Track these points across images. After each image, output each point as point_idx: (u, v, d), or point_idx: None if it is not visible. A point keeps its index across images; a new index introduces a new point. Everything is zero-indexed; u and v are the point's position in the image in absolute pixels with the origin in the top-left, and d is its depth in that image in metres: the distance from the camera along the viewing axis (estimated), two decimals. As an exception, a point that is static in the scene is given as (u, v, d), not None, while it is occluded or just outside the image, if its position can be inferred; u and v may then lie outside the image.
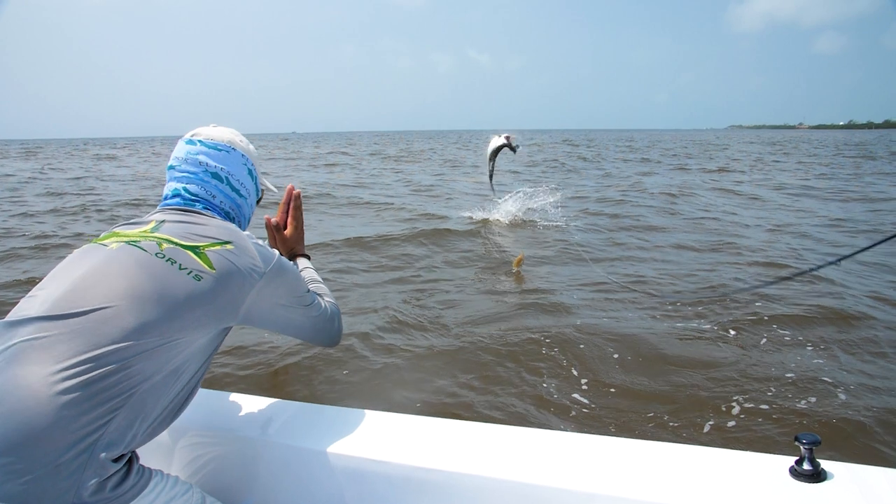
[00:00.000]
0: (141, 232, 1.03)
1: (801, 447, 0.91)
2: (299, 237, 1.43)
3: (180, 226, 1.05)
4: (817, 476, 0.89)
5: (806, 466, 0.90)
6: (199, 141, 1.20)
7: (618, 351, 3.00)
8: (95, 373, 0.82)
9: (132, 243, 0.98)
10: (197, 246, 1.00)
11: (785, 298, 3.85)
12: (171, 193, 1.17)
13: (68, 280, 0.92)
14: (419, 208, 8.52)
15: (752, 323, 3.35)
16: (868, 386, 2.60)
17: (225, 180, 1.19)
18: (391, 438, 1.11)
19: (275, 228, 1.41)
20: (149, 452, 1.06)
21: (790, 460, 0.93)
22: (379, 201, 9.50)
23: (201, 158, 1.18)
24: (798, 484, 0.89)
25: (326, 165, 19.82)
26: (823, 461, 0.92)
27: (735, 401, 2.48)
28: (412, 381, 2.65)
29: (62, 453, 0.77)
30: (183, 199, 1.15)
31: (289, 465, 1.14)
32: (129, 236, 1.01)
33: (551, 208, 7.37)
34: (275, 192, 1.41)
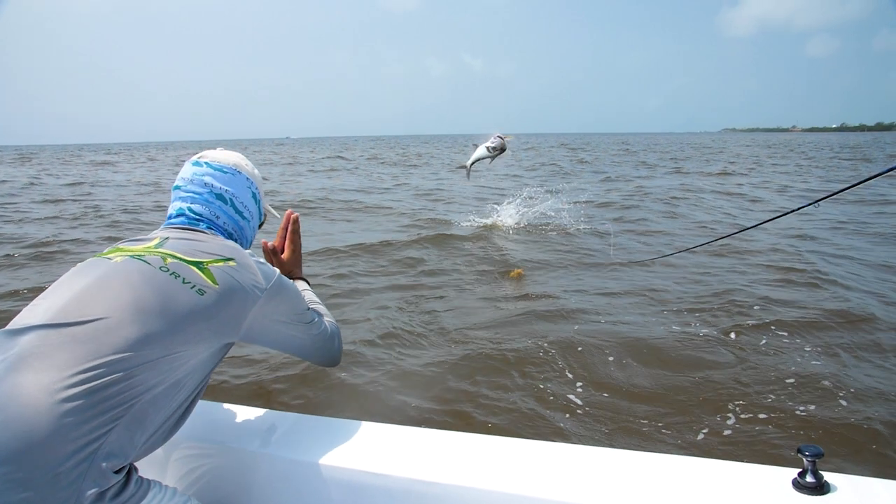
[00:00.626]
0: (145, 247, 1.04)
1: (804, 459, 0.90)
2: (297, 261, 1.44)
3: (184, 242, 1.07)
4: (820, 489, 0.88)
5: (809, 479, 0.89)
6: (206, 163, 1.22)
7: (617, 356, 2.99)
8: (98, 381, 0.82)
9: (137, 257, 1.00)
10: (200, 262, 1.01)
11: (787, 301, 3.86)
12: (176, 212, 1.20)
13: (71, 291, 0.92)
14: (422, 213, 8.53)
15: (754, 327, 3.34)
16: (872, 390, 2.58)
17: (229, 202, 1.22)
18: (390, 450, 1.09)
19: (272, 252, 1.42)
20: (145, 464, 1.05)
21: (793, 472, 0.93)
22: (381, 205, 9.52)
23: (207, 179, 1.20)
24: (801, 496, 0.88)
25: (326, 171, 19.81)
26: (826, 473, 0.91)
27: (735, 406, 2.47)
28: (411, 391, 2.63)
29: (62, 462, 0.77)
30: (187, 219, 1.18)
31: (286, 478, 1.13)
32: (134, 251, 1.03)
33: (554, 212, 7.37)
34: (277, 218, 1.43)
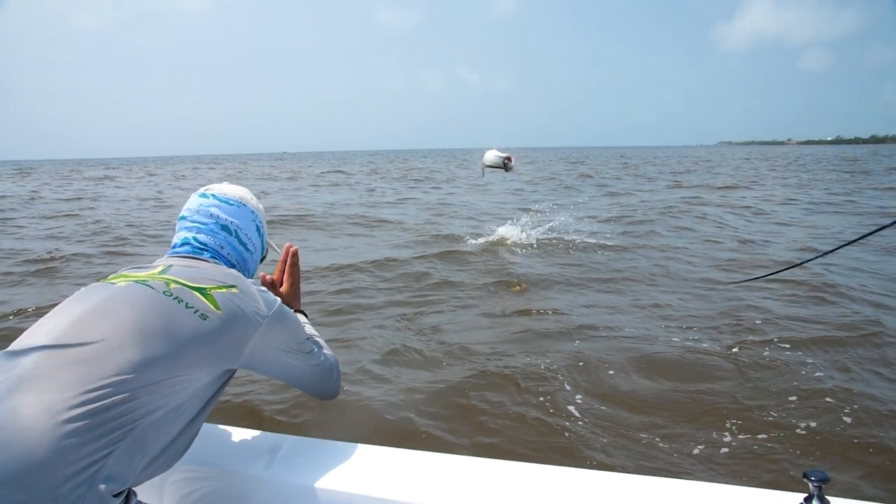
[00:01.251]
0: (149, 273, 1.06)
1: (811, 485, 0.88)
2: (295, 294, 1.44)
3: (188, 269, 1.08)
4: (827, 515, 0.86)
5: (815, 505, 0.87)
6: (213, 195, 1.25)
7: (618, 370, 2.98)
8: (100, 403, 0.81)
9: (141, 282, 1.01)
10: (204, 287, 1.03)
11: (792, 315, 3.85)
12: (181, 241, 1.21)
13: (74, 313, 0.93)
14: (426, 227, 8.54)
15: (758, 342, 3.33)
16: (876, 407, 2.57)
17: (234, 233, 1.24)
18: (389, 474, 1.08)
19: (271, 285, 1.42)
20: (142, 487, 1.04)
21: (798, 497, 0.91)
22: (385, 219, 9.57)
23: (213, 210, 1.23)
24: None
25: (329, 185, 19.89)
26: (834, 499, 0.89)
27: (736, 422, 2.46)
28: (411, 411, 2.60)
29: (61, 484, 0.76)
30: (192, 248, 1.20)
31: (285, 503, 1.11)
32: (138, 277, 1.04)
33: (559, 227, 7.38)
34: (277, 252, 1.45)
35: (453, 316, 4.08)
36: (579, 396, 2.71)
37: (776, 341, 3.33)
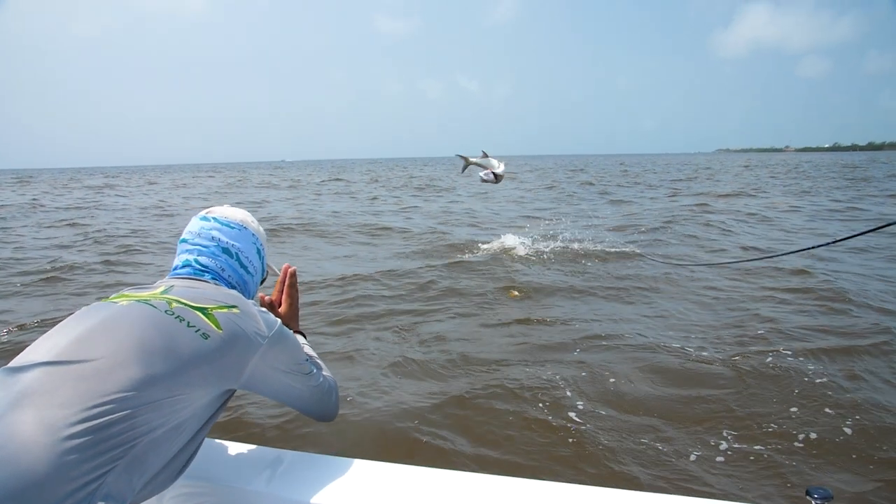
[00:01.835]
0: (151, 293, 1.06)
1: (813, 502, 0.87)
2: (293, 315, 1.45)
3: (189, 290, 1.09)
4: (831, 533, 0.85)
5: (819, 523, 0.86)
6: (214, 218, 1.27)
7: (622, 379, 2.96)
8: (101, 420, 0.81)
9: (143, 301, 1.02)
10: (205, 307, 1.03)
11: (797, 323, 3.84)
12: (182, 264, 1.23)
13: (76, 331, 0.93)
14: (430, 236, 8.51)
15: (762, 351, 3.31)
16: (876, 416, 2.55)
17: (235, 256, 1.26)
18: (391, 490, 1.07)
19: (269, 306, 1.43)
20: (139, 504, 1.02)
21: (803, 514, 0.90)
22: (389, 227, 9.58)
23: (214, 234, 1.25)
24: None
25: (332, 194, 19.89)
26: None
27: (734, 432, 2.44)
28: (410, 423, 2.58)
29: (60, 502, 0.75)
30: (193, 269, 1.21)
31: None
32: (139, 296, 1.05)
33: (565, 235, 7.37)
34: (277, 274, 1.47)
35: (457, 325, 4.07)
36: (580, 403, 2.70)
37: (781, 350, 3.31)
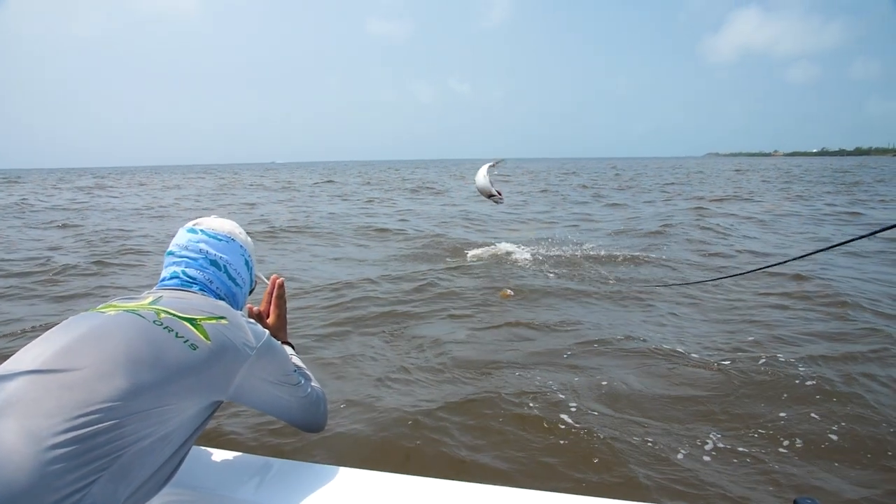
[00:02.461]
0: (139, 304, 1.06)
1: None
2: (281, 325, 1.45)
3: (178, 301, 1.09)
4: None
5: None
6: (201, 230, 1.27)
7: (612, 380, 2.95)
8: (87, 430, 0.80)
9: (131, 311, 1.01)
10: (194, 318, 1.03)
11: (790, 326, 3.85)
12: (170, 275, 1.22)
13: (63, 339, 0.92)
14: (429, 239, 8.45)
15: (758, 356, 3.28)
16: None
17: (223, 268, 1.26)
18: (380, 499, 1.05)
19: (258, 316, 1.43)
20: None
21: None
22: (390, 229, 9.53)
23: (202, 246, 1.25)
24: None
25: (326, 196, 19.74)
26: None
27: (721, 435, 2.43)
28: (399, 430, 2.49)
29: None
30: (181, 281, 1.21)
31: None
32: (128, 307, 1.04)
33: (563, 238, 7.35)
34: (265, 283, 1.47)
35: (451, 328, 4.00)
36: (574, 405, 2.66)
37: (779, 355, 3.28)
